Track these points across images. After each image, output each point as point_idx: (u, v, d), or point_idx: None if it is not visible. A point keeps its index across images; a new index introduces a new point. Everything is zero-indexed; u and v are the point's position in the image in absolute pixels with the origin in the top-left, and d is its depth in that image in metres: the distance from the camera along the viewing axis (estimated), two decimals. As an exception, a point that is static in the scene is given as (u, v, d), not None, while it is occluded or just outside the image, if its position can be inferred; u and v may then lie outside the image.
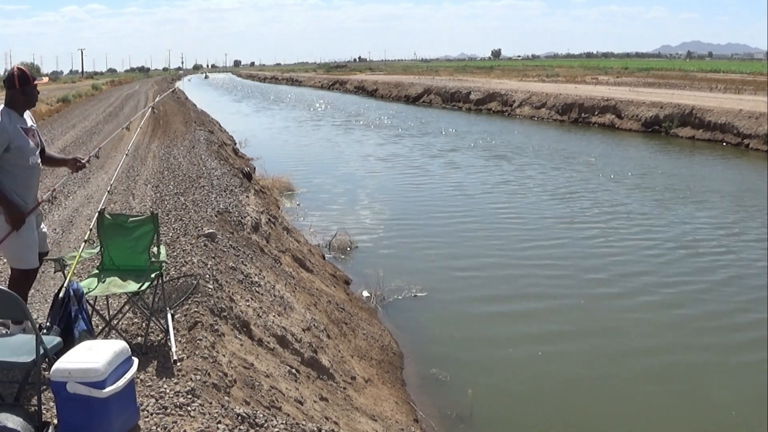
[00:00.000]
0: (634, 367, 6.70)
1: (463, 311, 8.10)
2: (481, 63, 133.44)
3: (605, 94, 31.34)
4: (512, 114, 33.89)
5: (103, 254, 4.44)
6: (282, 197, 13.80)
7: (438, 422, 5.63)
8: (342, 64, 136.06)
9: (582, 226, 12.01)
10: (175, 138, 16.34)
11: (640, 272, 9.38)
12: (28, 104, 4.17)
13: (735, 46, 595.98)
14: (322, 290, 7.50)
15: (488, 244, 10.92)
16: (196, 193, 9.14)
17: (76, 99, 35.97)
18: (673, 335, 7.41)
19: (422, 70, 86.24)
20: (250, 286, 5.83)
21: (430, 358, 6.77)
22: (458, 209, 13.57)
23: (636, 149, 22.21)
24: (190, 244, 6.32)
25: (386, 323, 7.60)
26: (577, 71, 63.62)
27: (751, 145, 21.30)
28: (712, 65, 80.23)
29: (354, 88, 60.97)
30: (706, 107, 24.64)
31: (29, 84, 4.09)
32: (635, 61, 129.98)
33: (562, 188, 15.49)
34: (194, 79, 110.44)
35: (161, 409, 3.42)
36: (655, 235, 11.34)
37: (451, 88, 42.03)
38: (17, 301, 3.22)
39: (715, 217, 12.69)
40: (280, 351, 5.08)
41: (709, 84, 38.38)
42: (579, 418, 5.86)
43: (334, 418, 4.56)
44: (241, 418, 3.45)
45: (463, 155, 20.96)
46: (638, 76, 53.73)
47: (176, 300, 4.81)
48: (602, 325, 7.72)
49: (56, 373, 3.03)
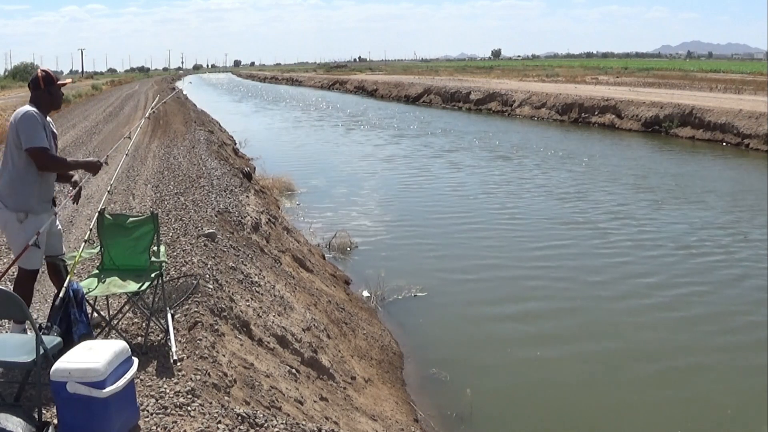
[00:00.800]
0: (633, 368, 6.69)
1: (463, 311, 8.10)
2: (481, 63, 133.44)
3: (605, 94, 31.33)
4: (512, 114, 33.88)
5: (103, 254, 4.44)
6: (282, 197, 13.80)
7: (438, 422, 5.63)
8: (342, 64, 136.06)
9: (582, 227, 12.00)
10: (175, 138, 16.34)
11: (640, 273, 9.36)
12: (54, 105, 4.24)
13: (735, 46, 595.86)
14: (322, 290, 7.50)
15: (488, 245, 10.91)
16: (196, 193, 9.14)
17: (76, 99, 35.97)
18: (673, 337, 7.41)
19: (422, 70, 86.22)
20: (250, 286, 5.83)
21: (430, 358, 6.77)
22: (458, 209, 13.57)
23: (636, 149, 22.20)
24: (190, 244, 6.32)
25: (386, 323, 7.60)
26: (577, 71, 63.61)
27: (751, 145, 21.30)
28: (712, 65, 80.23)
29: (354, 88, 60.96)
30: (706, 107, 24.64)
31: (54, 84, 4.17)
32: (635, 61, 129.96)
33: (563, 189, 15.49)
34: (194, 80, 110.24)
35: (161, 409, 3.42)
36: (655, 236, 11.34)
37: (451, 88, 42.03)
38: (17, 301, 3.22)
39: (716, 218, 12.68)
40: (280, 351, 5.08)
41: (709, 84, 38.37)
42: (579, 418, 5.85)
43: (334, 418, 4.56)
44: (241, 418, 3.45)
45: (463, 155, 20.95)
46: (638, 76, 53.73)
47: (176, 300, 4.81)
48: (602, 326, 7.72)
49: (56, 373, 3.03)
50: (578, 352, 7.06)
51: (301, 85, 79.71)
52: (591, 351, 7.10)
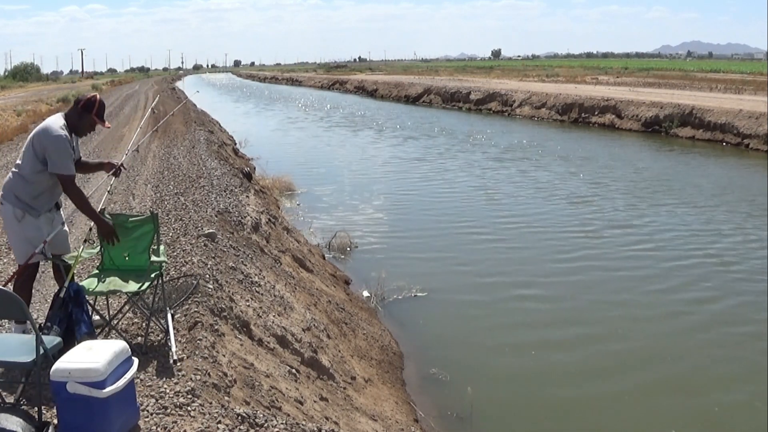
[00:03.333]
0: (634, 370, 6.68)
1: (463, 311, 8.10)
2: (481, 63, 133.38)
3: (605, 94, 31.33)
4: (512, 114, 33.87)
5: (103, 254, 4.44)
6: (282, 197, 13.80)
7: (438, 422, 5.63)
8: (342, 64, 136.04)
9: (582, 228, 11.99)
10: (175, 138, 16.34)
11: (643, 276, 9.32)
12: (76, 129, 4.21)
13: (735, 46, 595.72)
14: (322, 290, 7.50)
15: (489, 245, 10.91)
16: (196, 193, 9.14)
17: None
18: (674, 337, 7.41)
19: (422, 70, 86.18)
20: (250, 286, 5.83)
21: (430, 358, 6.77)
22: (458, 210, 13.56)
23: (636, 149, 22.19)
24: (190, 244, 6.32)
25: (386, 323, 7.60)
26: (577, 71, 63.59)
27: (751, 145, 21.30)
28: (712, 65, 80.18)
29: (354, 88, 60.95)
30: (706, 107, 24.63)
31: (89, 114, 4.18)
32: (635, 61, 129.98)
33: (563, 189, 15.48)
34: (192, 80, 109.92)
35: (161, 409, 3.42)
36: (656, 237, 11.34)
37: (451, 88, 42.02)
38: (17, 301, 3.22)
39: (719, 221, 12.68)
40: (280, 351, 5.08)
41: (709, 84, 38.36)
42: (579, 418, 5.85)
43: (334, 418, 4.56)
44: (241, 418, 3.45)
45: (463, 155, 20.94)
46: (638, 76, 53.71)
47: (176, 300, 4.81)
48: (603, 328, 7.70)
49: (56, 373, 3.03)
50: (578, 352, 7.05)
51: (301, 85, 79.68)
52: (591, 351, 7.10)
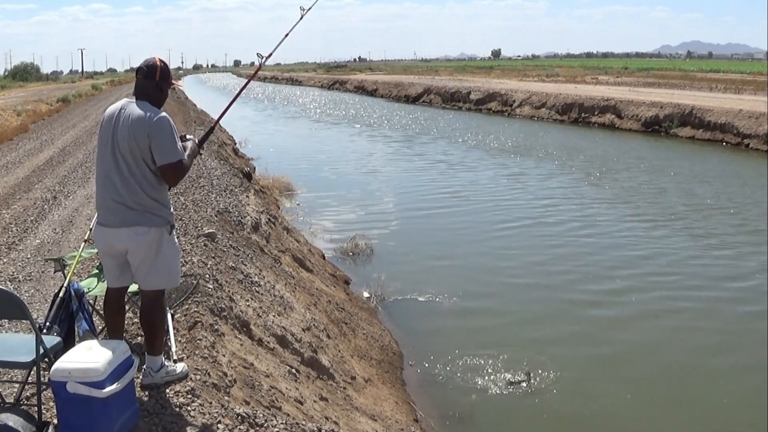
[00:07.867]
0: (635, 370, 6.69)
1: (463, 312, 8.09)
2: (481, 63, 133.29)
3: (605, 94, 31.33)
4: (512, 114, 33.88)
5: (103, 254, 4.43)
6: (282, 197, 13.80)
7: (438, 422, 5.63)
8: (342, 64, 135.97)
9: (583, 228, 12.00)
10: (175, 138, 16.32)
11: (645, 275, 9.33)
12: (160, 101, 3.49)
13: (735, 46, 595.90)
14: (322, 290, 7.50)
15: (489, 246, 10.91)
16: (196, 193, 9.14)
17: (76, 99, 35.93)
18: (674, 338, 7.41)
19: (422, 70, 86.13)
20: (250, 286, 5.83)
21: (430, 358, 6.77)
22: (458, 210, 13.56)
23: (636, 149, 22.19)
24: (190, 244, 6.32)
25: (386, 323, 7.60)
26: (577, 71, 63.55)
27: (751, 145, 21.31)
28: (712, 65, 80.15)
29: (354, 87, 60.98)
30: (706, 107, 24.63)
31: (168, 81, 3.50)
32: (635, 61, 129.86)
33: (564, 190, 15.49)
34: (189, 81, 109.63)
35: (161, 409, 3.42)
36: (657, 235, 11.34)
37: (451, 88, 42.03)
38: (17, 301, 3.22)
39: (721, 223, 12.68)
40: (280, 351, 5.08)
41: (709, 84, 38.35)
42: (579, 418, 5.85)
43: (334, 418, 4.56)
44: (241, 418, 3.45)
45: (463, 155, 20.95)
46: (638, 76, 53.70)
47: (176, 300, 4.81)
48: (603, 328, 7.71)
49: (56, 373, 3.03)
50: (579, 352, 7.06)
51: (301, 85, 79.71)
52: (592, 352, 7.10)
